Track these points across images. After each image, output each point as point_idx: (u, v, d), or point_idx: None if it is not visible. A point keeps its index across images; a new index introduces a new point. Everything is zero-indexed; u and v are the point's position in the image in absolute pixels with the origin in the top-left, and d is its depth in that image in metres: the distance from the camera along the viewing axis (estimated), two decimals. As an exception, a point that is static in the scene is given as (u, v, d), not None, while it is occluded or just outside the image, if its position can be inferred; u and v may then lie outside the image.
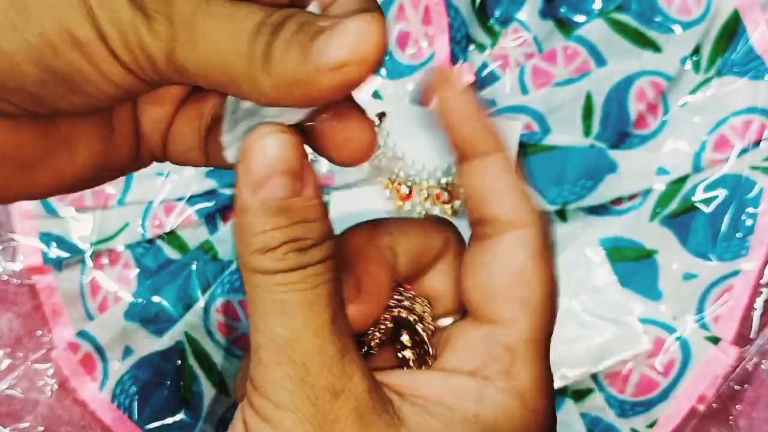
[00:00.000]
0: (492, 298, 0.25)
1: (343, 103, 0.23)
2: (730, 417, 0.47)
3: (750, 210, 0.47)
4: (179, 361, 0.48)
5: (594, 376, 0.47)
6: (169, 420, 0.47)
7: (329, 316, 0.23)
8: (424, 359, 0.25)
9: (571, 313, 0.47)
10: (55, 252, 0.49)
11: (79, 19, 0.20)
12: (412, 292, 0.26)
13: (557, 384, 0.46)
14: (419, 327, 0.26)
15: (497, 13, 0.51)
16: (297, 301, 0.22)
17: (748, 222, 0.47)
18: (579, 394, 0.47)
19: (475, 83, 0.50)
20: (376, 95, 0.50)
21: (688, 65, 0.49)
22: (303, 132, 0.23)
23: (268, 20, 0.21)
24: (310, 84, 0.21)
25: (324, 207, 0.23)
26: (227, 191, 0.49)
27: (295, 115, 0.23)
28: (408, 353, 0.26)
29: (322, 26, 0.21)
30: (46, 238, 0.49)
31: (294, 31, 0.21)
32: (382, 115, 0.49)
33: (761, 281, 0.47)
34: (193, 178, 0.49)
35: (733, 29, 0.49)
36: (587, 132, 0.49)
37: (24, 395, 0.49)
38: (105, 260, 0.50)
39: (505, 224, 0.25)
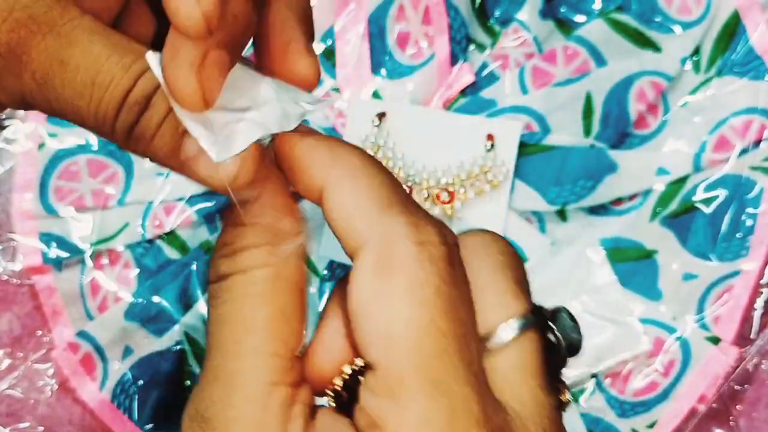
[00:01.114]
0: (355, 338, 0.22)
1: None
2: (731, 417, 0.47)
3: (750, 210, 0.47)
4: (179, 361, 0.48)
5: (594, 376, 0.47)
6: (171, 419, 0.47)
7: None
8: None
9: (571, 313, 0.47)
10: (55, 252, 0.49)
11: None
12: None
13: (557, 384, 0.46)
14: None
15: (497, 13, 0.51)
16: None
17: (749, 222, 0.47)
18: (579, 395, 0.47)
19: (475, 83, 0.50)
20: (376, 95, 0.50)
21: (688, 65, 0.49)
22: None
23: (134, 92, 0.21)
24: (168, 162, 0.22)
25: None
26: (227, 191, 0.49)
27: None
28: None
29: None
30: (46, 238, 0.49)
31: (165, 109, 0.22)
32: (382, 115, 0.49)
33: (761, 281, 0.47)
34: (193, 178, 0.49)
35: (733, 29, 0.49)
36: (587, 132, 0.49)
37: (24, 395, 0.49)
38: (105, 260, 0.50)
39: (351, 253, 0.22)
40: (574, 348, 0.23)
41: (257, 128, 0.22)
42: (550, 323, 0.23)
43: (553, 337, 0.23)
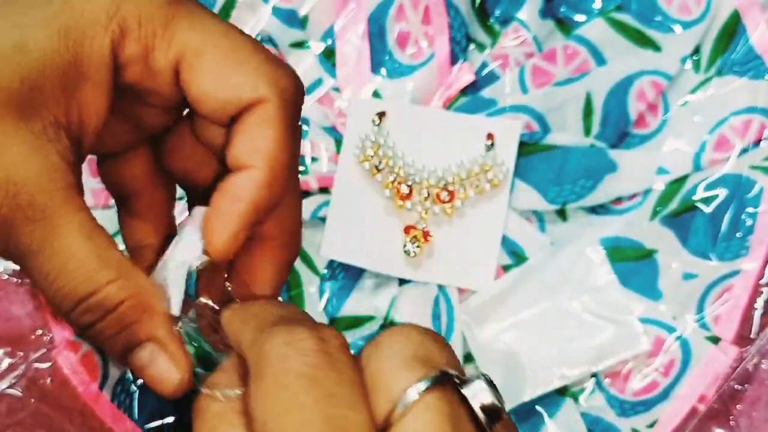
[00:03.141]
0: None
1: None
2: (731, 417, 0.47)
3: (750, 210, 0.47)
4: (179, 361, 0.48)
5: (594, 376, 0.47)
6: (169, 419, 0.47)
7: None
8: None
9: (571, 312, 0.47)
10: (55, 251, 0.49)
11: None
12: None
13: (557, 383, 0.46)
14: None
15: (497, 13, 0.51)
16: None
17: (748, 222, 0.47)
18: (579, 394, 0.47)
19: (475, 83, 0.50)
20: (376, 95, 0.50)
21: (688, 65, 0.49)
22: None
23: (94, 299, 0.25)
24: (115, 358, 0.28)
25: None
26: (227, 191, 0.49)
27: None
28: None
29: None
30: (46, 237, 0.49)
31: (117, 328, 0.26)
32: (382, 114, 0.49)
33: (761, 281, 0.47)
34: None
35: (733, 29, 0.49)
36: (587, 131, 0.49)
37: (24, 395, 0.49)
38: (105, 260, 0.50)
39: None
40: (489, 410, 0.23)
41: (181, 269, 0.26)
42: (461, 384, 0.23)
43: (462, 396, 0.23)
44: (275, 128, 0.26)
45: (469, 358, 0.47)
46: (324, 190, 0.49)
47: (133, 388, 0.47)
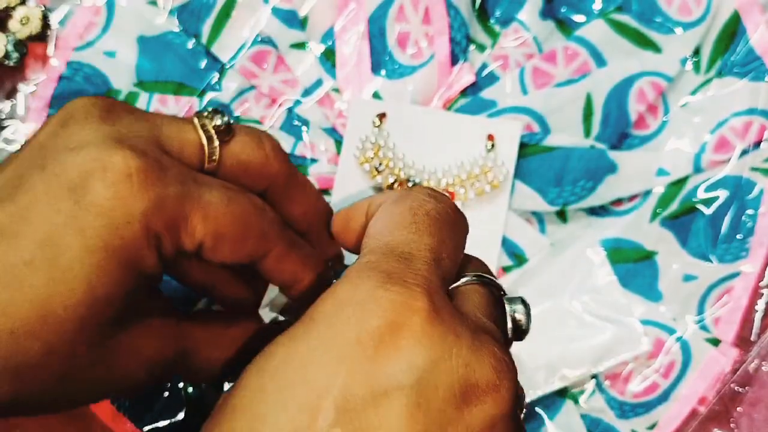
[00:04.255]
0: None
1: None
2: (731, 419, 0.47)
3: (750, 211, 0.47)
4: (179, 362, 0.48)
5: (594, 377, 0.47)
6: (169, 420, 0.47)
7: None
8: None
9: (571, 313, 0.47)
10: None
11: None
12: None
13: (557, 384, 0.46)
14: None
15: (497, 13, 0.51)
16: None
17: (749, 223, 0.47)
18: (579, 395, 0.47)
19: (475, 84, 0.50)
20: (376, 95, 0.50)
21: (689, 66, 0.49)
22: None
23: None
24: None
25: None
26: (227, 192, 0.49)
27: None
28: None
29: None
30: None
31: None
32: (382, 116, 0.49)
33: (761, 283, 0.47)
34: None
35: (733, 30, 0.49)
36: (587, 133, 0.49)
37: (23, 395, 0.49)
38: (104, 260, 0.49)
39: None
40: (517, 328, 0.30)
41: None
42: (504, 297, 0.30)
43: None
44: (287, 267, 0.34)
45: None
46: (324, 191, 0.49)
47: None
